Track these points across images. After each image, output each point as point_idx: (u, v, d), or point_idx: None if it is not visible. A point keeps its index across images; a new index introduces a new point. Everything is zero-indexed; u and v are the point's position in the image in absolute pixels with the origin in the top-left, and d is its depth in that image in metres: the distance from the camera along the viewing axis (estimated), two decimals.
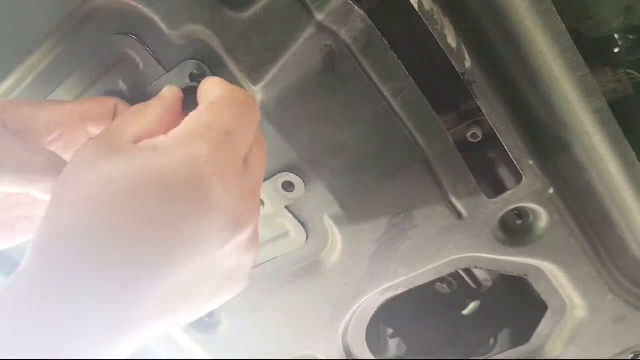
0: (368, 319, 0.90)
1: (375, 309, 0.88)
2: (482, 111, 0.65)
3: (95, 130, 0.58)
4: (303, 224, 0.76)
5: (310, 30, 0.60)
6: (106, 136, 0.48)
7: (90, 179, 0.43)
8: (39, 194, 0.52)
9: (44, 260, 0.41)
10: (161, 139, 0.46)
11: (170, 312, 0.44)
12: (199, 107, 0.50)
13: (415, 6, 0.56)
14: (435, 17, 0.58)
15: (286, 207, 0.75)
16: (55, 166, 0.51)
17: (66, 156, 0.55)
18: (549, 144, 0.69)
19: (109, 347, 0.40)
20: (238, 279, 0.51)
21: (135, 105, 0.55)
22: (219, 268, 0.47)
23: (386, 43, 0.61)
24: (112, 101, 0.60)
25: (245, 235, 0.48)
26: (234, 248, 0.47)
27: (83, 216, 0.41)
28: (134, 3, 0.60)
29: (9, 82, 0.65)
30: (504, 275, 1.02)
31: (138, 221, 0.41)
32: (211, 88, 0.52)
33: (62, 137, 0.56)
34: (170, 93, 0.56)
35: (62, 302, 0.38)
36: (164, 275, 0.42)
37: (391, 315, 1.09)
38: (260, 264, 0.83)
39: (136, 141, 0.47)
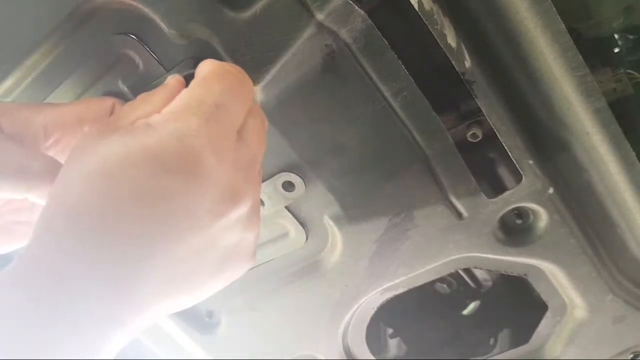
0: (368, 319, 0.90)
1: (375, 308, 0.88)
2: (482, 111, 0.65)
3: None
4: (303, 224, 0.76)
5: (310, 30, 0.60)
6: (109, 121, 0.49)
7: (88, 158, 0.43)
8: (37, 199, 0.52)
9: (44, 242, 0.41)
10: (154, 117, 0.47)
11: (171, 291, 0.44)
12: (191, 84, 0.51)
13: (415, 6, 0.56)
14: (435, 16, 0.58)
15: (286, 207, 0.75)
16: (53, 171, 0.51)
17: (64, 160, 0.55)
18: (549, 144, 0.69)
19: (112, 327, 0.40)
20: (241, 258, 0.50)
21: (142, 94, 0.55)
22: (219, 244, 0.46)
23: (386, 43, 0.61)
24: (109, 102, 0.59)
25: (243, 208, 0.47)
26: (232, 223, 0.46)
27: (80, 194, 0.42)
28: (133, 3, 0.60)
29: (8, 82, 0.65)
30: (503, 275, 1.02)
31: (132, 196, 0.41)
32: (203, 66, 0.53)
33: (60, 140, 0.56)
34: (174, 81, 0.56)
35: (63, 283, 0.39)
36: (162, 251, 0.42)
37: (391, 315, 1.09)
38: (260, 264, 0.83)
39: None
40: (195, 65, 0.61)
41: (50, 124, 0.54)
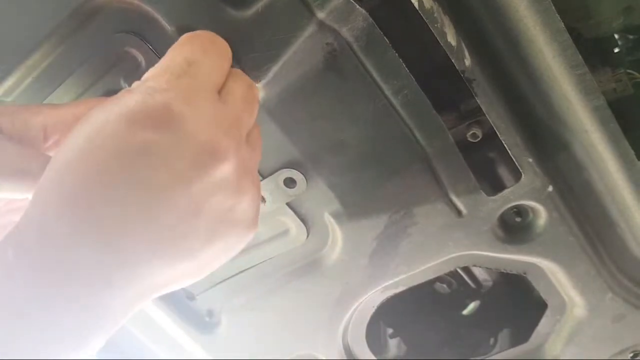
0: (368, 318, 0.90)
1: (375, 307, 0.88)
2: (482, 111, 0.66)
3: None
4: (304, 221, 0.77)
5: (311, 29, 0.60)
6: None
7: (80, 127, 0.44)
8: None
9: (34, 204, 0.42)
10: (135, 83, 0.48)
11: (160, 253, 0.43)
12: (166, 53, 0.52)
13: (416, 5, 0.56)
14: (435, 15, 0.59)
15: (287, 204, 0.75)
16: None
17: None
18: (548, 142, 0.69)
19: (100, 286, 0.40)
20: (237, 225, 0.49)
21: None
22: (206, 206, 0.45)
23: (387, 41, 0.61)
24: None
25: (226, 166, 0.46)
26: (217, 182, 0.45)
27: (65, 158, 0.42)
28: (135, 1, 0.60)
29: (9, 81, 0.65)
30: (503, 275, 1.03)
31: (110, 153, 0.41)
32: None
33: (60, 141, 0.56)
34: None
35: (49, 241, 0.39)
36: (145, 205, 0.41)
37: (391, 315, 1.10)
38: (261, 262, 0.83)
39: None
40: None
41: (49, 124, 0.54)
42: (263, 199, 0.73)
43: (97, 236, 0.40)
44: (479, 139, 0.73)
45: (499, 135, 0.67)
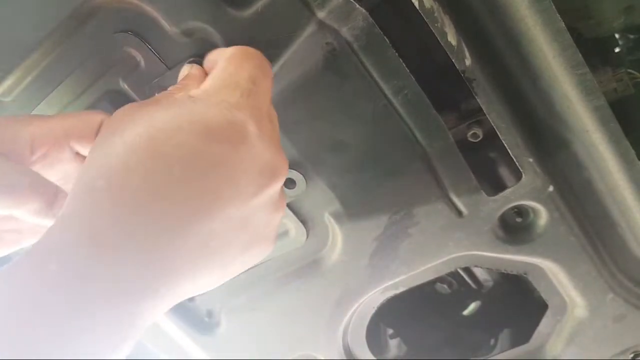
0: (368, 319, 0.89)
1: (376, 308, 0.88)
2: (482, 111, 0.65)
3: (79, 147, 0.56)
4: (303, 222, 0.76)
5: (311, 28, 0.60)
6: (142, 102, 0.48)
7: (131, 125, 0.43)
8: (23, 215, 0.51)
9: (84, 206, 0.40)
10: (195, 91, 0.47)
11: (203, 264, 0.43)
12: (219, 64, 0.51)
13: (416, 4, 0.56)
14: (436, 14, 0.58)
15: (287, 204, 0.74)
16: (39, 187, 0.50)
17: (51, 175, 0.54)
18: (548, 142, 0.69)
19: (145, 296, 0.39)
20: (266, 239, 0.50)
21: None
22: (251, 221, 0.46)
23: (387, 41, 0.61)
24: (98, 116, 0.58)
25: (277, 187, 0.48)
26: (267, 200, 0.47)
27: (123, 158, 0.41)
28: (135, 1, 0.60)
29: (9, 81, 0.65)
30: (504, 275, 1.02)
31: (179, 160, 0.41)
32: (221, 51, 0.54)
33: (47, 155, 0.55)
34: (196, 70, 0.56)
35: (99, 249, 0.37)
36: (203, 218, 0.41)
37: (391, 316, 1.09)
38: (260, 263, 0.83)
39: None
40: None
41: (37, 138, 0.53)
42: None
43: (151, 246, 0.39)
44: (479, 138, 0.73)
45: (500, 135, 0.66)
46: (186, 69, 0.57)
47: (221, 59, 0.53)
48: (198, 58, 0.62)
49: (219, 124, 0.43)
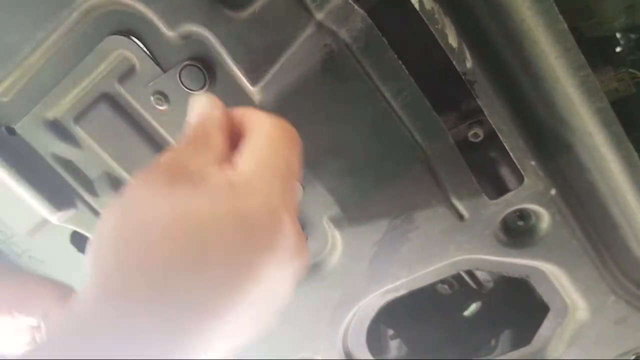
0: (368, 321, 0.89)
1: (376, 310, 0.87)
2: (483, 111, 0.65)
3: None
4: (302, 226, 0.76)
5: (309, 30, 0.60)
6: (171, 163, 0.47)
7: (166, 208, 0.42)
8: None
9: (113, 286, 0.40)
10: (234, 176, 0.46)
11: (236, 335, 0.45)
12: (255, 140, 0.50)
13: (416, 5, 0.56)
14: (436, 16, 0.58)
15: None
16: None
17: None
18: (550, 144, 0.68)
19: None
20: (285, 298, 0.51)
21: (191, 135, 0.51)
22: (278, 299, 0.48)
23: (386, 43, 0.60)
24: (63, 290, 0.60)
25: (303, 262, 0.49)
26: (293, 273, 0.48)
27: (163, 245, 0.41)
28: (131, 3, 0.60)
29: (5, 83, 0.65)
30: (505, 276, 1.02)
31: (222, 256, 0.41)
32: (255, 116, 0.52)
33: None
34: (219, 113, 0.53)
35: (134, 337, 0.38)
36: (240, 304, 0.42)
37: (392, 317, 1.09)
38: None
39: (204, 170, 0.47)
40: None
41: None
42: None
43: (187, 322, 0.40)
44: (480, 138, 0.73)
45: (501, 138, 0.66)
46: (198, 102, 0.53)
47: (256, 130, 0.51)
48: (194, 61, 0.61)
49: (260, 217, 0.44)
